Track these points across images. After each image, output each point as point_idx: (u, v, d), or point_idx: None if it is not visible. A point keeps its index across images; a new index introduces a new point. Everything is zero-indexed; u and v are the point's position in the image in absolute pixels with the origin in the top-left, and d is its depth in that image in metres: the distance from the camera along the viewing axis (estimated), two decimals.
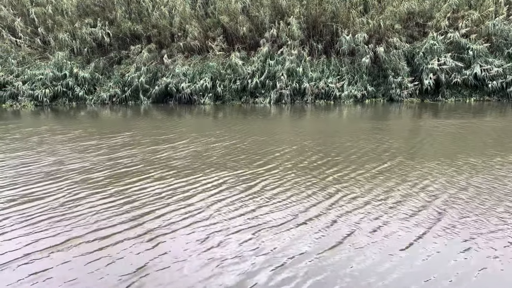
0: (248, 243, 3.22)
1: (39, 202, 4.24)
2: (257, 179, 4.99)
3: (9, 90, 16.20)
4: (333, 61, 16.01)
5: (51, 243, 3.25)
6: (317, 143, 7.21)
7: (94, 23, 17.30)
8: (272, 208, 3.98)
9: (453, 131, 8.41)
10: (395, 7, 15.63)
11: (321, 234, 3.36)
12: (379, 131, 8.71)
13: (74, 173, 5.39)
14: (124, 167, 5.67)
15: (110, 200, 4.28)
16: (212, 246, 3.18)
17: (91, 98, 16.49)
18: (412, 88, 14.95)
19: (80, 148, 7.12)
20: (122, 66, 16.94)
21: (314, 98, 15.40)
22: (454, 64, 14.64)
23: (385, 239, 3.24)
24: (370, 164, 5.62)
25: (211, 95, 15.79)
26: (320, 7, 16.10)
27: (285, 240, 3.26)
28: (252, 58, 16.04)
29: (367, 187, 4.59)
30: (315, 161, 5.84)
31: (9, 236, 3.40)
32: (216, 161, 5.94)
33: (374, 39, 15.66)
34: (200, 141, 7.60)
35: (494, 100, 14.69)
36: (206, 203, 4.14)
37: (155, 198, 4.30)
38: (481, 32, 15.05)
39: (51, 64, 16.59)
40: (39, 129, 9.66)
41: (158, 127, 9.77)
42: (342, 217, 3.73)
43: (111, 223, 3.64)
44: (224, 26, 16.60)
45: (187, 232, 3.44)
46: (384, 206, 3.96)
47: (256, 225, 3.56)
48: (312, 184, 4.76)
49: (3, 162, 6.13)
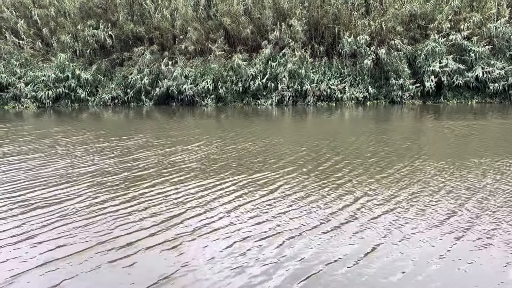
0: (275, 250, 3.10)
1: (57, 206, 4.18)
2: (276, 182, 4.91)
3: (12, 92, 16.24)
4: (335, 63, 16.02)
5: (72, 250, 3.18)
6: (330, 146, 7.14)
7: (96, 25, 17.36)
8: (295, 213, 3.86)
9: (466, 132, 8.41)
10: (397, 9, 15.65)
11: (350, 242, 3.23)
12: (390, 132, 8.74)
13: (90, 177, 5.33)
14: (140, 170, 5.62)
15: (129, 205, 4.21)
16: (237, 254, 3.06)
17: (93, 100, 16.52)
18: (413, 90, 14.95)
19: (94, 151, 7.07)
20: (124, 68, 16.99)
21: (316, 100, 15.41)
22: (456, 66, 14.64)
23: (418, 247, 3.12)
24: (390, 166, 5.57)
25: (213, 97, 15.81)
26: (321, 9, 16.13)
27: (313, 247, 3.14)
28: (254, 60, 16.07)
29: (391, 190, 4.51)
30: (333, 164, 5.78)
31: (29, 243, 3.33)
32: (232, 164, 5.88)
33: (376, 41, 15.67)
34: (213, 144, 7.53)
35: (496, 102, 14.68)
36: (226, 208, 4.05)
37: (174, 203, 4.22)
38: (483, 34, 15.05)
39: (54, 65, 16.63)
40: (49, 131, 9.61)
41: (168, 129, 9.74)
42: (370, 223, 3.60)
43: (131, 229, 3.57)
44: (226, 28, 16.63)
45: (211, 240, 3.32)
46: (412, 211, 3.86)
47: (281, 231, 3.45)
48: (333, 187, 4.68)
49: (17, 165, 6.08)
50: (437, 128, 9.22)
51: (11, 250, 3.22)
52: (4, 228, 3.65)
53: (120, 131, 9.57)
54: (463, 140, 7.58)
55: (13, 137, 8.80)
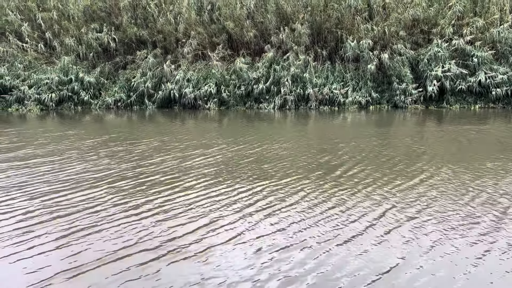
0: (298, 261, 2.99)
1: (76, 212, 4.10)
2: (294, 189, 4.81)
3: (16, 94, 16.31)
4: (337, 67, 16.04)
5: (94, 257, 3.11)
6: (343, 150, 7.08)
7: (100, 28, 17.44)
8: (316, 221, 3.77)
9: (474, 137, 8.44)
10: (400, 13, 15.68)
11: (375, 252, 3.11)
12: (399, 137, 8.75)
13: (107, 182, 5.24)
14: (156, 175, 5.55)
15: (148, 210, 4.12)
16: (262, 263, 2.96)
17: (96, 103, 16.58)
18: (416, 95, 14.95)
19: (108, 155, 7.03)
20: (128, 71, 17.04)
21: (318, 104, 15.42)
22: (459, 71, 14.63)
23: (450, 255, 3.01)
24: (406, 171, 5.54)
25: (216, 101, 15.83)
26: (324, 13, 16.17)
27: (335, 259, 3.02)
28: (257, 64, 16.10)
29: (412, 196, 4.44)
30: (349, 169, 5.71)
31: (48, 248, 3.26)
32: (248, 169, 5.80)
33: (379, 46, 15.69)
34: (226, 149, 7.47)
35: (499, 108, 14.66)
36: (247, 214, 3.97)
37: (194, 208, 4.14)
38: (486, 39, 15.05)
39: (57, 68, 16.70)
40: (63, 134, 9.57)
41: (177, 133, 9.72)
42: (395, 231, 3.50)
43: (152, 236, 3.49)
44: (229, 32, 16.68)
45: (234, 248, 3.23)
46: (437, 217, 3.77)
47: (303, 240, 3.35)
48: (352, 193, 4.60)
49: (36, 168, 6.02)
50: (445, 133, 9.20)
51: (34, 256, 3.15)
52: (23, 237, 3.53)
53: (131, 135, 9.48)
54: (473, 145, 7.60)
55: (28, 140, 8.76)
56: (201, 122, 12.38)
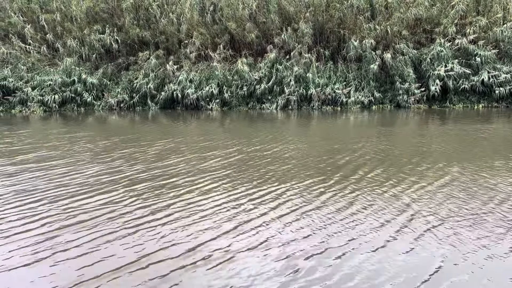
0: (324, 271, 2.84)
1: (95, 217, 3.98)
2: (316, 190, 4.67)
3: (19, 96, 16.37)
4: (340, 67, 16.03)
5: (112, 266, 2.98)
6: (361, 151, 6.94)
7: (102, 30, 17.49)
8: (340, 226, 3.63)
9: (485, 136, 8.41)
10: (402, 13, 15.65)
11: (413, 257, 2.98)
12: (409, 137, 8.73)
13: (125, 184, 5.13)
14: (175, 177, 5.43)
15: (169, 215, 4.00)
16: (291, 272, 2.84)
17: (99, 104, 16.62)
18: (419, 94, 14.91)
19: (124, 156, 6.93)
20: (130, 72, 17.08)
21: (321, 104, 15.41)
22: (462, 71, 14.59)
23: (489, 263, 2.88)
24: (426, 171, 5.43)
25: (218, 101, 15.85)
26: (327, 13, 16.16)
27: (363, 268, 2.86)
28: (259, 64, 16.10)
29: (437, 198, 4.32)
30: (369, 171, 5.55)
31: (68, 255, 3.17)
32: (264, 171, 5.67)
33: (381, 45, 15.67)
34: (242, 149, 7.33)
35: (503, 107, 14.60)
36: (270, 219, 3.84)
37: (216, 213, 4.02)
38: (489, 38, 15.01)
39: (60, 70, 16.76)
40: (72, 136, 9.54)
41: (188, 134, 9.67)
42: (430, 233, 3.37)
43: (174, 242, 3.36)
44: (231, 32, 16.69)
45: (259, 255, 3.08)
46: (468, 219, 3.66)
47: (328, 248, 3.18)
48: (378, 194, 4.48)
49: (51, 171, 5.94)
50: (453, 132, 9.15)
51: (54, 264, 3.05)
52: (44, 244, 3.42)
53: (142, 136, 9.40)
54: (487, 143, 7.58)
55: (40, 141, 8.73)
56: (207, 123, 12.39)
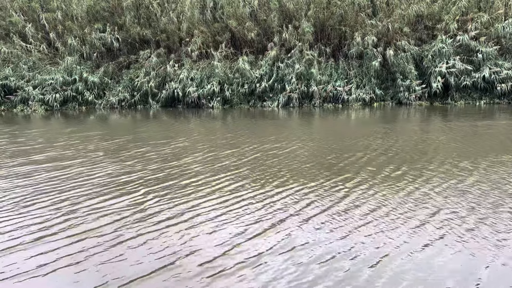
0: (366, 275, 2.74)
1: (118, 220, 3.87)
2: (339, 192, 4.56)
3: (20, 95, 16.39)
4: (341, 64, 16.00)
5: (140, 272, 2.86)
6: (380, 148, 6.84)
7: (103, 28, 17.47)
8: (375, 228, 3.50)
9: (492, 131, 8.44)
10: (403, 10, 15.60)
11: (458, 261, 2.89)
12: (419, 133, 8.69)
13: (142, 184, 5.05)
14: (194, 177, 5.34)
15: (193, 217, 3.88)
16: (323, 274, 2.75)
17: (100, 103, 16.63)
18: (420, 91, 14.88)
19: (137, 156, 6.82)
20: (131, 71, 17.07)
21: (322, 101, 15.39)
22: (463, 67, 14.55)
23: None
24: (443, 168, 5.35)
25: (219, 99, 15.84)
26: (328, 10, 16.12)
27: (404, 278, 2.71)
28: (260, 62, 16.09)
29: (473, 197, 4.21)
30: (395, 169, 5.43)
31: (92, 263, 3.04)
32: (286, 170, 5.55)
33: (383, 42, 15.63)
34: (256, 148, 7.22)
35: (504, 103, 14.57)
36: (299, 220, 3.73)
37: (242, 215, 3.90)
38: (491, 34, 14.96)
39: (61, 69, 16.76)
40: (81, 135, 9.43)
41: (199, 133, 9.54)
42: (472, 235, 3.26)
43: (200, 247, 3.22)
44: (232, 30, 16.67)
45: (286, 259, 3.00)
46: (503, 217, 3.55)
47: (365, 253, 3.06)
48: (405, 194, 4.37)
49: (67, 170, 5.86)
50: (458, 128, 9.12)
51: (78, 270, 2.94)
52: (54, 246, 3.33)
53: (152, 135, 9.34)
54: (495, 140, 7.59)
55: (51, 141, 8.66)
56: (212, 121, 12.36)
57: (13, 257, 3.16)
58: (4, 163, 6.57)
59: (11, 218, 3.99)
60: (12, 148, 7.96)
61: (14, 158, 6.89)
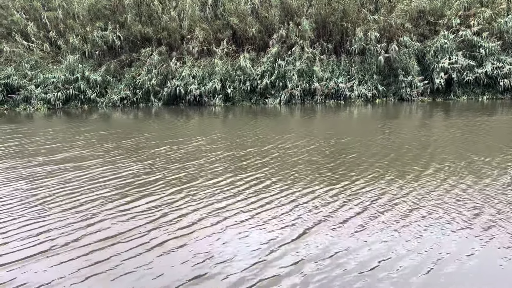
0: (400, 279, 2.65)
1: (144, 224, 3.75)
2: (372, 191, 4.41)
3: (23, 94, 16.43)
4: (343, 60, 15.96)
5: (169, 284, 2.76)
6: (380, 145, 6.77)
7: (105, 27, 17.48)
8: (408, 232, 3.37)
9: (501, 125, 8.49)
10: (405, 5, 15.54)
11: (479, 265, 2.80)
12: (425, 130, 8.64)
13: (165, 185, 4.94)
14: (217, 177, 5.21)
15: (225, 218, 3.80)
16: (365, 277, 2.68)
17: (103, 101, 16.66)
18: (422, 87, 14.84)
19: (157, 155, 6.72)
20: (133, 69, 17.08)
21: (324, 98, 15.37)
22: (466, 63, 14.50)
23: None
24: (455, 166, 5.31)
25: (221, 97, 15.84)
26: (329, 7, 16.08)
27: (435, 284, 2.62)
28: (261, 59, 16.07)
29: (481, 193, 4.19)
30: (423, 169, 5.28)
31: (120, 271, 2.94)
32: (309, 169, 5.44)
33: (385, 38, 15.58)
34: (276, 146, 7.10)
35: (507, 98, 14.51)
36: (336, 221, 3.64)
37: (272, 215, 3.82)
38: (493, 30, 14.89)
39: (63, 67, 16.80)
40: (95, 134, 9.34)
41: (214, 131, 9.38)
42: (495, 236, 3.17)
43: (230, 255, 3.09)
44: (234, 27, 16.65)
45: (326, 265, 2.90)
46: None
47: (397, 256, 2.97)
48: (429, 192, 4.30)
49: (88, 171, 5.78)
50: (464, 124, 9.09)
51: (104, 280, 2.83)
52: (93, 248, 3.28)
53: (166, 133, 9.28)
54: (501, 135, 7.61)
55: (67, 140, 8.56)
56: (218, 119, 12.37)
57: (45, 262, 3.07)
58: (15, 163, 6.58)
59: (35, 221, 3.91)
60: (19, 148, 8.00)
61: (20, 159, 6.91)
